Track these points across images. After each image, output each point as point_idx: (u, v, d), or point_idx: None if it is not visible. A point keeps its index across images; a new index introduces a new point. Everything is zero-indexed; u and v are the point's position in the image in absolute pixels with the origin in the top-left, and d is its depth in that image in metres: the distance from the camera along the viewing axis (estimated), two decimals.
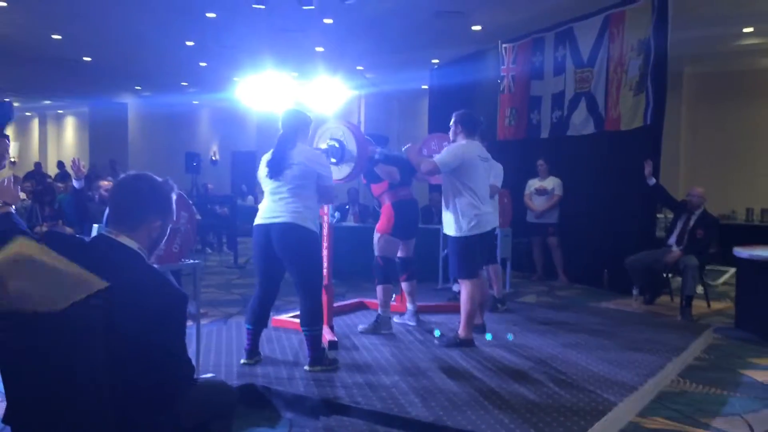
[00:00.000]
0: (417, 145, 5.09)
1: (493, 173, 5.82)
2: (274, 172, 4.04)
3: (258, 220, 4.11)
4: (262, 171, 4.13)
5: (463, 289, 4.68)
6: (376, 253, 5.09)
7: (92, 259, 1.92)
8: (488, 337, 4.11)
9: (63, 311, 1.72)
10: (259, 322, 4.19)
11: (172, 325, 1.93)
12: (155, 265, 3.41)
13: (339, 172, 4.58)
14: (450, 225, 4.71)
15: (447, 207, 4.73)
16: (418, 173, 5.10)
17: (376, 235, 5.11)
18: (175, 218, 2.22)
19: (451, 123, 4.88)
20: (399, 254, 5.24)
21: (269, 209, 4.06)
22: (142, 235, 2.01)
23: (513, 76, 9.31)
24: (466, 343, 4.63)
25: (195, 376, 2.68)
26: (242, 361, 4.13)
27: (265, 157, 4.15)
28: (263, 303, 4.20)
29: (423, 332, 5.07)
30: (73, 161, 5.81)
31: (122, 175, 2.12)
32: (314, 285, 4.12)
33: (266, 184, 4.12)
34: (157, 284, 1.92)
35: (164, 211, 2.07)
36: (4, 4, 8.96)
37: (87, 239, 2.16)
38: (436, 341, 4.75)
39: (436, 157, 4.71)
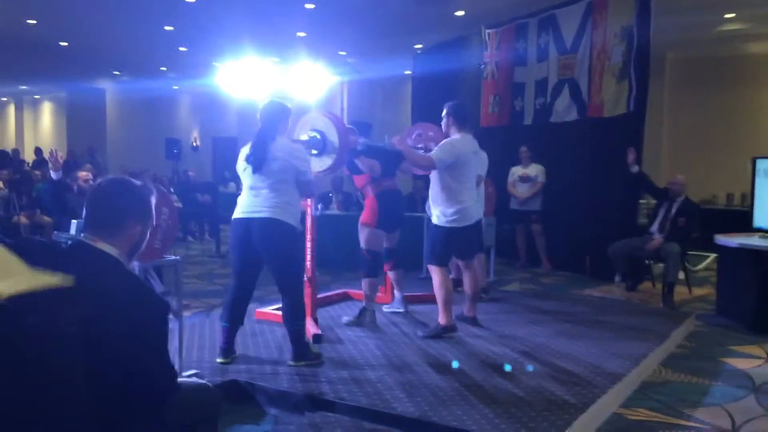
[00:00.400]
0: (402, 136, 5.02)
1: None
2: (254, 167, 3.97)
3: (237, 213, 4.06)
4: (241, 165, 4.07)
5: (434, 276, 4.70)
6: (363, 246, 5.06)
7: (71, 267, 1.88)
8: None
9: (38, 322, 1.68)
10: (235, 320, 4.12)
11: (153, 334, 1.89)
12: (136, 262, 3.38)
13: (320, 164, 4.52)
14: (435, 214, 4.75)
15: (434, 197, 4.74)
16: (402, 165, 5.06)
17: (361, 228, 5.07)
18: (155, 220, 2.17)
19: (443, 114, 4.84)
20: (384, 245, 5.21)
21: (249, 203, 4.00)
22: (122, 241, 1.97)
23: (496, 62, 9.28)
24: (449, 330, 4.64)
25: (178, 377, 2.65)
26: (218, 360, 4.05)
27: (244, 151, 4.08)
28: (239, 299, 4.14)
29: (408, 325, 5.06)
30: (51, 153, 5.71)
31: (99, 180, 2.07)
32: (295, 281, 4.09)
33: (245, 178, 4.07)
34: (137, 293, 1.88)
35: (144, 216, 2.03)
36: None
37: (64, 245, 2.10)
38: (419, 333, 4.75)
39: (432, 154, 4.68)
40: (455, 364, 3.91)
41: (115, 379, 1.82)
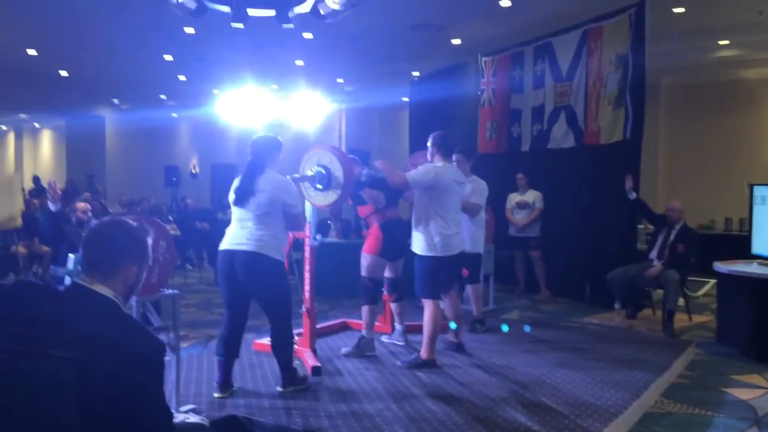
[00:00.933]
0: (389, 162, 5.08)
1: (476, 192, 5.83)
2: (240, 199, 4.04)
3: (223, 245, 4.09)
4: (231, 196, 4.13)
5: (426, 309, 4.69)
6: (363, 274, 5.05)
7: (67, 310, 1.87)
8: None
9: (32, 364, 1.67)
10: (230, 353, 4.10)
11: (149, 375, 1.87)
12: (134, 298, 3.36)
13: (325, 199, 4.59)
14: (417, 243, 4.73)
15: (416, 226, 4.76)
16: (405, 194, 5.09)
17: (364, 256, 5.07)
18: (151, 259, 2.17)
19: (428, 144, 4.89)
20: (387, 274, 5.21)
21: (235, 235, 4.05)
22: (117, 282, 1.96)
23: (493, 90, 9.34)
24: (428, 365, 4.63)
25: (174, 413, 2.62)
26: (215, 395, 4.01)
27: (234, 183, 4.15)
28: (233, 330, 4.13)
29: (407, 355, 5.03)
30: (49, 184, 5.70)
31: (96, 222, 2.07)
32: (280, 313, 4.09)
33: (234, 210, 4.13)
34: (133, 334, 1.87)
35: (140, 258, 2.03)
36: None
37: (61, 288, 2.09)
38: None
39: (409, 174, 4.73)
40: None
41: (109, 422, 1.80)
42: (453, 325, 4.93)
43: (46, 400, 1.69)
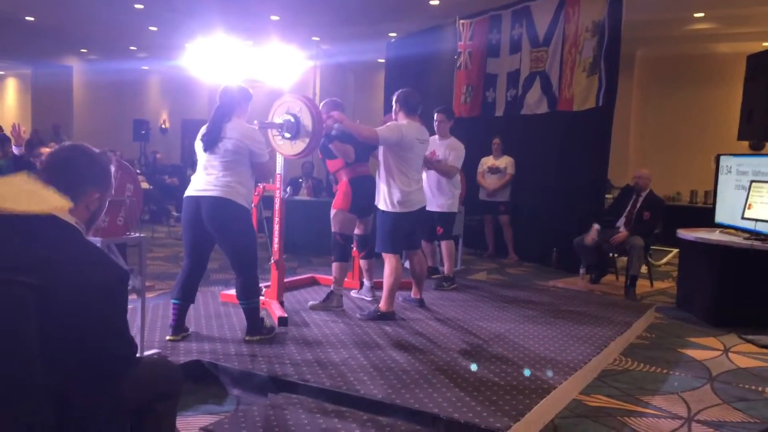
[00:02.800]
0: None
1: (455, 154, 5.90)
2: (207, 145, 4.00)
3: (188, 192, 4.06)
4: (198, 144, 4.08)
5: (386, 263, 4.75)
6: (334, 229, 5.04)
7: (27, 235, 1.84)
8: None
9: None
10: (186, 298, 4.13)
11: (112, 303, 1.85)
12: (98, 239, 3.32)
13: (293, 148, 4.49)
14: (381, 199, 4.80)
15: (381, 181, 4.80)
16: (375, 151, 5.06)
17: (333, 212, 5.06)
18: (114, 190, 2.14)
19: (393, 101, 4.91)
20: (356, 231, 5.21)
21: (200, 182, 4.01)
22: (80, 209, 1.92)
23: (469, 53, 9.30)
24: (386, 317, 4.72)
25: (139, 354, 2.60)
26: (167, 338, 4.04)
27: (201, 130, 4.10)
28: (192, 277, 4.14)
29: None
30: (13, 126, 5.56)
31: (56, 147, 2.02)
32: (247, 260, 4.08)
33: (200, 157, 4.08)
34: (95, 260, 1.84)
35: (102, 183, 1.99)
36: None
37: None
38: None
39: (378, 129, 4.74)
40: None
41: (71, 349, 1.79)
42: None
43: (7, 327, 1.67)
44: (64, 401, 1.77)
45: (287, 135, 4.43)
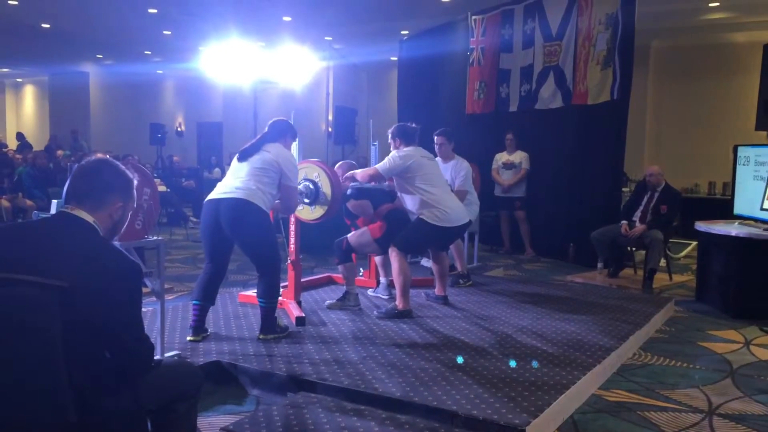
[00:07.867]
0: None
1: (464, 176, 5.94)
2: (243, 155, 4.14)
3: (210, 195, 4.12)
4: (234, 158, 4.21)
5: (394, 263, 4.75)
6: (350, 240, 5.00)
7: (49, 234, 1.90)
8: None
9: (13, 292, 1.68)
10: (206, 299, 4.17)
11: (127, 291, 1.91)
12: (117, 243, 3.36)
13: (312, 213, 4.65)
14: (420, 213, 4.80)
15: (416, 210, 4.81)
16: (396, 202, 5.11)
17: (362, 230, 5.01)
18: (136, 202, 2.21)
19: (389, 140, 4.95)
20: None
21: (224, 186, 4.10)
22: (103, 216, 2.02)
23: (482, 49, 9.26)
24: (404, 314, 4.73)
25: (159, 357, 2.64)
26: (188, 338, 4.09)
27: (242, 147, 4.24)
28: (212, 279, 4.19)
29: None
30: None
31: (83, 161, 2.11)
32: (267, 260, 4.11)
33: (232, 166, 4.19)
34: (111, 256, 1.91)
35: (125, 194, 2.08)
36: None
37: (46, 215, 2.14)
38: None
39: (377, 166, 4.81)
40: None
41: (90, 348, 1.84)
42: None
43: (32, 327, 1.71)
44: (86, 401, 1.81)
45: (306, 201, 4.57)
